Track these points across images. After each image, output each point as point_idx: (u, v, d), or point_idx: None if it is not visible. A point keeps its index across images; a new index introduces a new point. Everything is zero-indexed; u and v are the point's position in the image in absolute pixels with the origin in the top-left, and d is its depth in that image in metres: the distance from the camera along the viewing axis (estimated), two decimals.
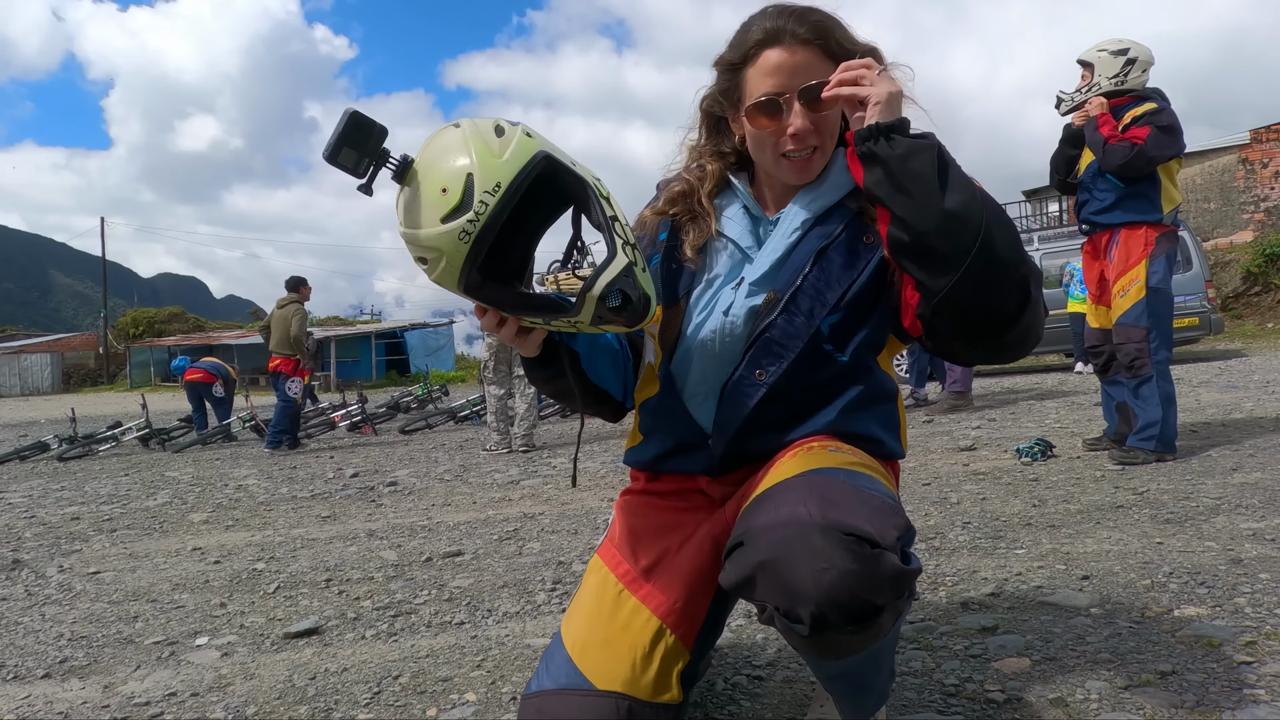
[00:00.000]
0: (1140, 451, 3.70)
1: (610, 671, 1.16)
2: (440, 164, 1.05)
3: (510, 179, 1.01)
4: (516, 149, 1.04)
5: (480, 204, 1.00)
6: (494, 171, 1.02)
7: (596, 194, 1.08)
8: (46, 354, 39.41)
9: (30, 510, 4.78)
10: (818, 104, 1.21)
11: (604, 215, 1.08)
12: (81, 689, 1.93)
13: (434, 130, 1.12)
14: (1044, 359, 12.27)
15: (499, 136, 1.05)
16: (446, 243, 1.02)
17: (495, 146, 1.04)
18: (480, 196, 1.01)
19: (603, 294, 1.05)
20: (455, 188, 1.02)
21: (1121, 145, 3.69)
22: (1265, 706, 1.39)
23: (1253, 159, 16.33)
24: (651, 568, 1.27)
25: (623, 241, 1.07)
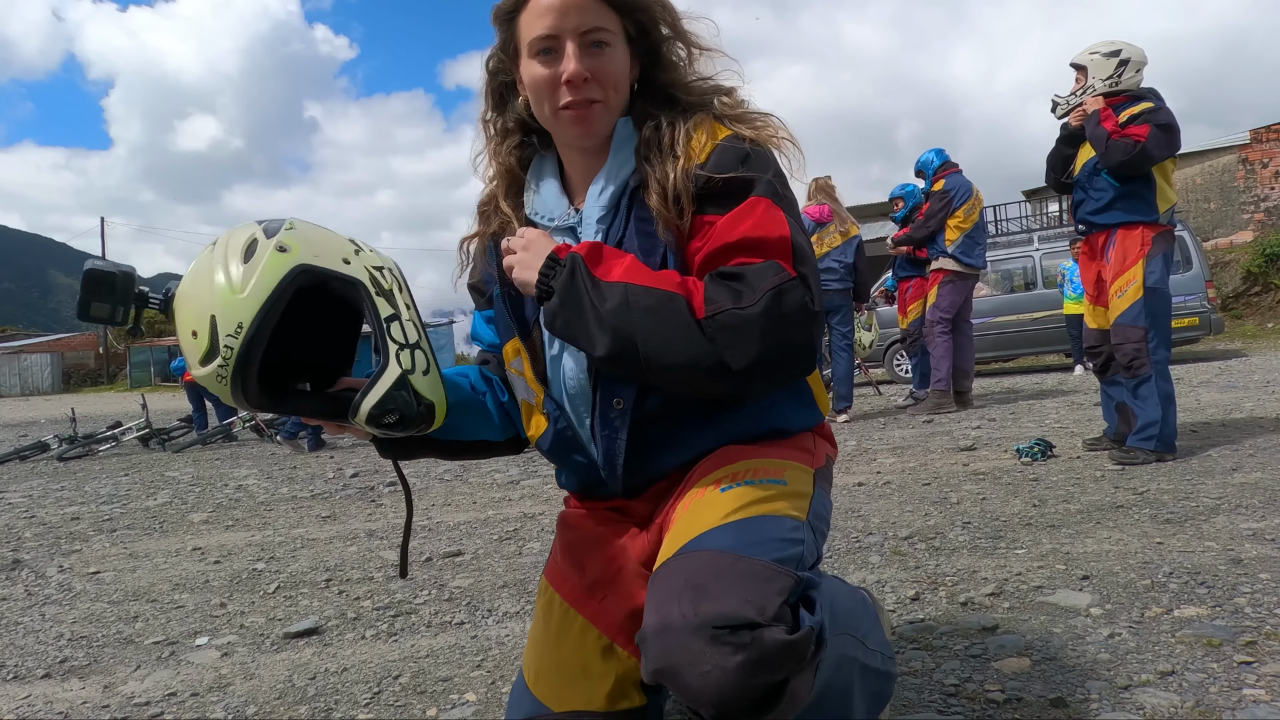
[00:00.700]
0: (1140, 451, 3.70)
1: (565, 694, 1.15)
2: (188, 303, 1.04)
3: (252, 316, 1.00)
4: (262, 276, 1.01)
5: (225, 348, 1.00)
6: (234, 311, 1.00)
7: (368, 294, 1.05)
8: (46, 354, 39.42)
9: (30, 510, 4.78)
10: (595, 48, 1.14)
11: (376, 318, 1.05)
12: (81, 689, 1.93)
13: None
14: (1044, 359, 12.28)
15: (247, 261, 1.03)
16: (212, 384, 1.03)
17: (238, 279, 1.01)
18: (224, 340, 1.00)
19: (371, 415, 1.03)
20: (202, 331, 1.01)
21: (1124, 141, 3.69)
22: (1265, 706, 1.39)
23: (1253, 159, 16.33)
24: (596, 583, 1.22)
25: (398, 346, 1.04)
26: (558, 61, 1.13)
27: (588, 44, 1.13)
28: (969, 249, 6.56)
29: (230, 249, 1.04)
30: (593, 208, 1.19)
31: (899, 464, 4.21)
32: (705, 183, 1.11)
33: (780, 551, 0.99)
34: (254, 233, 1.05)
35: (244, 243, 1.04)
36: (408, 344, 1.05)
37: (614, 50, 1.15)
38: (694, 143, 1.14)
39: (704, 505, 1.06)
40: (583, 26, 1.13)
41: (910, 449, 4.69)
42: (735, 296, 1.02)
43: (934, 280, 6.76)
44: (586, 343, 1.05)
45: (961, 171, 6.77)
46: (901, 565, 2.42)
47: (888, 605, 2.08)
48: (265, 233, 1.05)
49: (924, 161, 6.96)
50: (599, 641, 1.18)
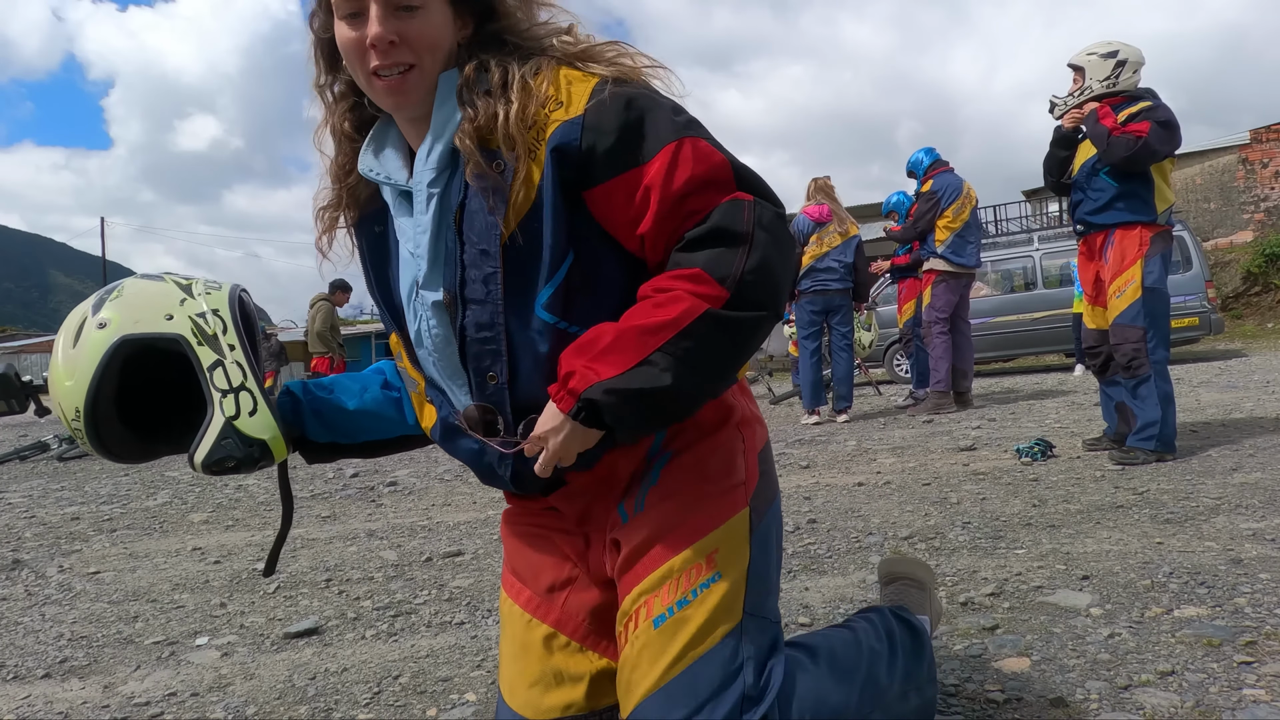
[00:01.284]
0: (1140, 451, 3.70)
1: (542, 702, 1.13)
2: (51, 394, 1.13)
3: (83, 402, 1.06)
4: (84, 360, 1.07)
5: (75, 429, 1.09)
6: (69, 399, 1.07)
7: (190, 347, 1.08)
8: (46, 354, 39.43)
9: (30, 510, 4.78)
10: (406, 12, 1.02)
11: (199, 368, 1.08)
12: (81, 689, 1.93)
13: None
14: (1044, 359, 12.28)
15: (75, 344, 1.09)
16: (85, 447, 1.12)
17: (65, 366, 1.08)
18: (71, 425, 1.09)
19: (206, 466, 1.08)
20: (62, 418, 1.11)
21: (1125, 137, 3.69)
22: (1265, 706, 1.39)
23: (1253, 159, 16.33)
24: (553, 586, 1.19)
25: (221, 393, 1.08)
26: (364, 24, 1.02)
27: (394, 4, 1.02)
28: (960, 248, 6.54)
29: (65, 332, 1.10)
30: (423, 171, 1.07)
31: (899, 464, 4.21)
32: (596, 154, 0.99)
33: (721, 704, 0.96)
34: (85, 310, 1.11)
35: (75, 325, 1.10)
36: (231, 388, 1.08)
37: (427, 11, 1.03)
38: (563, 90, 1.02)
39: (643, 652, 1.01)
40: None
41: (910, 449, 4.69)
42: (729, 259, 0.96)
43: (927, 281, 6.75)
44: (675, 416, 1.03)
45: (953, 170, 6.75)
46: None
47: None
48: (94, 308, 1.10)
49: (914, 161, 6.95)
50: (568, 646, 1.16)
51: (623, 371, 0.95)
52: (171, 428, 1.17)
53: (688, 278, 0.96)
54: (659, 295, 0.97)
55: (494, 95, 1.03)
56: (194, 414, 1.13)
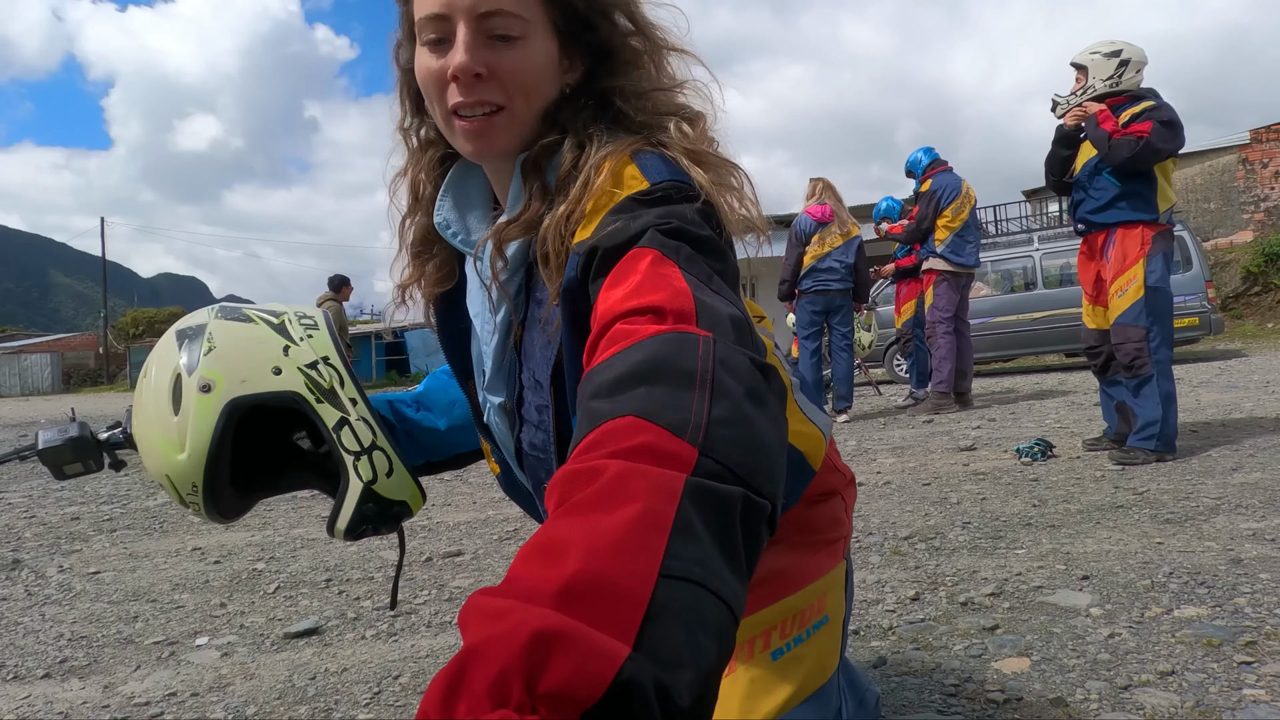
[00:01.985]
0: (1140, 451, 3.70)
1: None
2: (146, 457, 1.03)
3: (201, 477, 0.98)
4: (195, 432, 0.97)
5: (191, 504, 1.01)
6: (184, 474, 0.99)
7: (309, 406, 0.98)
8: (46, 354, 39.42)
9: (30, 510, 4.78)
10: (500, 40, 0.84)
11: (325, 429, 0.98)
12: (81, 689, 1.93)
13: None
14: (1044, 359, 12.28)
15: (177, 411, 0.98)
16: (195, 515, 1.06)
17: (175, 438, 0.98)
18: (187, 498, 1.00)
19: (348, 533, 1.01)
20: (167, 485, 1.02)
21: (1127, 139, 3.69)
22: (1265, 706, 1.39)
23: (1253, 159, 16.33)
24: None
25: (354, 456, 0.97)
26: (449, 52, 0.85)
27: (486, 32, 0.84)
28: (959, 248, 6.54)
29: (155, 392, 0.99)
30: (486, 260, 0.89)
31: (899, 464, 4.21)
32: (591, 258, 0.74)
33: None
34: (176, 369, 0.99)
35: (168, 384, 0.99)
36: (363, 449, 0.98)
37: (527, 44, 0.85)
38: (598, 188, 0.79)
39: (758, 682, 0.96)
40: (480, 7, 0.83)
41: (910, 449, 4.68)
42: (681, 395, 0.56)
43: (927, 281, 6.75)
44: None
45: (952, 170, 6.74)
46: (901, 565, 2.42)
47: (888, 605, 2.08)
48: (187, 367, 0.99)
49: (913, 161, 6.94)
50: None
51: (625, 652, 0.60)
52: (262, 470, 1.10)
53: (614, 435, 0.54)
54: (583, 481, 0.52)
55: (552, 188, 0.85)
56: (285, 452, 1.09)
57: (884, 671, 1.67)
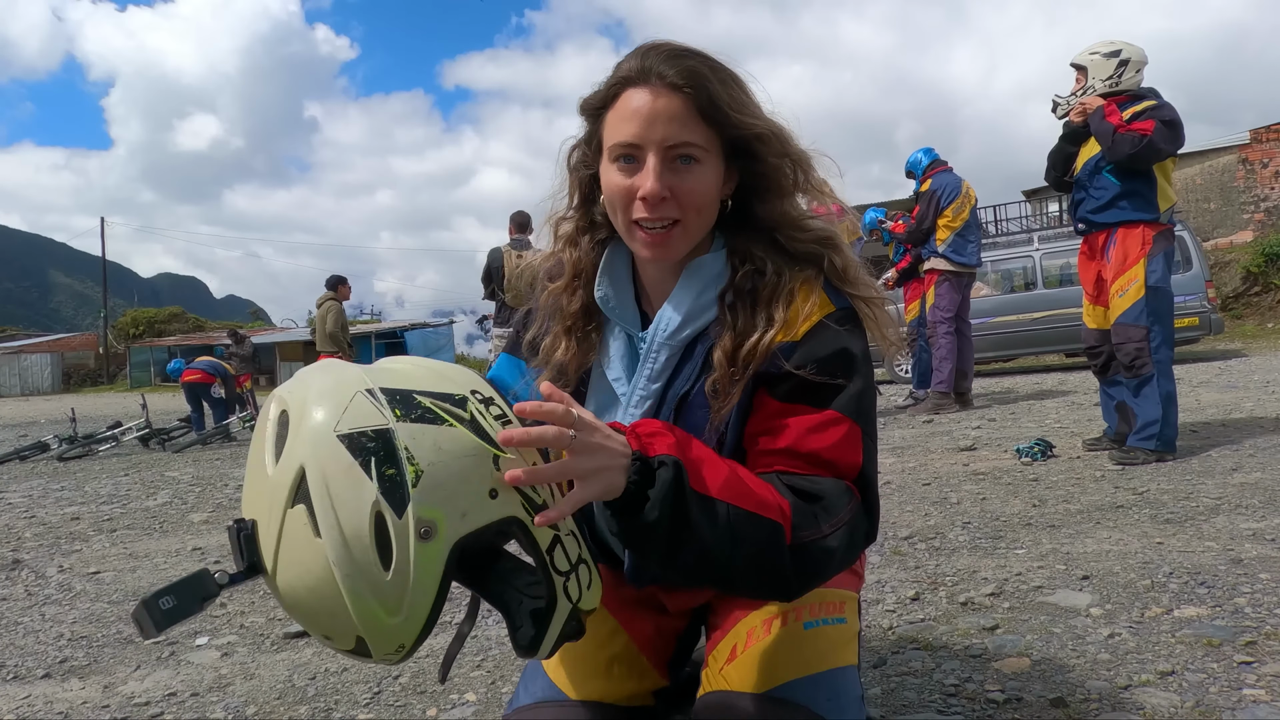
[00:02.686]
0: (1140, 451, 3.70)
1: (585, 682, 1.15)
2: (314, 615, 0.79)
3: (414, 638, 0.78)
4: (417, 590, 0.75)
5: (384, 658, 0.80)
6: (391, 637, 0.77)
7: (526, 530, 0.82)
8: (46, 354, 39.43)
9: (30, 510, 4.78)
10: (682, 163, 1.01)
11: (537, 552, 0.83)
12: (81, 689, 1.93)
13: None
14: (1044, 359, 12.27)
15: (386, 564, 0.74)
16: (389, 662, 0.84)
17: (388, 597, 0.75)
18: (381, 656, 0.79)
19: (552, 652, 0.87)
20: (342, 641, 0.79)
21: (1130, 135, 3.69)
22: (1265, 706, 1.39)
23: (1253, 159, 16.33)
24: (630, 599, 1.22)
25: (564, 577, 0.83)
26: (637, 172, 1.01)
27: (672, 158, 1.01)
28: (960, 248, 6.54)
29: (356, 546, 0.74)
30: (661, 340, 1.08)
31: (899, 464, 4.21)
32: (795, 379, 1.01)
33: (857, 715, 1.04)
34: (375, 506, 0.74)
35: (369, 524, 0.74)
36: (571, 566, 0.84)
37: (703, 167, 1.02)
38: (794, 308, 1.03)
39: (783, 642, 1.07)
40: (669, 140, 1.00)
41: (910, 449, 4.68)
42: (815, 521, 0.94)
43: (929, 281, 6.75)
44: (668, 565, 0.89)
45: (951, 170, 6.74)
46: (901, 565, 2.42)
47: (888, 605, 2.08)
48: (393, 505, 0.74)
49: (913, 162, 6.95)
50: (628, 647, 1.19)
51: (705, 497, 0.87)
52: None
53: (782, 502, 0.94)
54: (761, 484, 0.94)
55: (756, 312, 1.03)
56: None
57: (884, 671, 1.67)
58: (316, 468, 0.75)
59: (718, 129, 1.02)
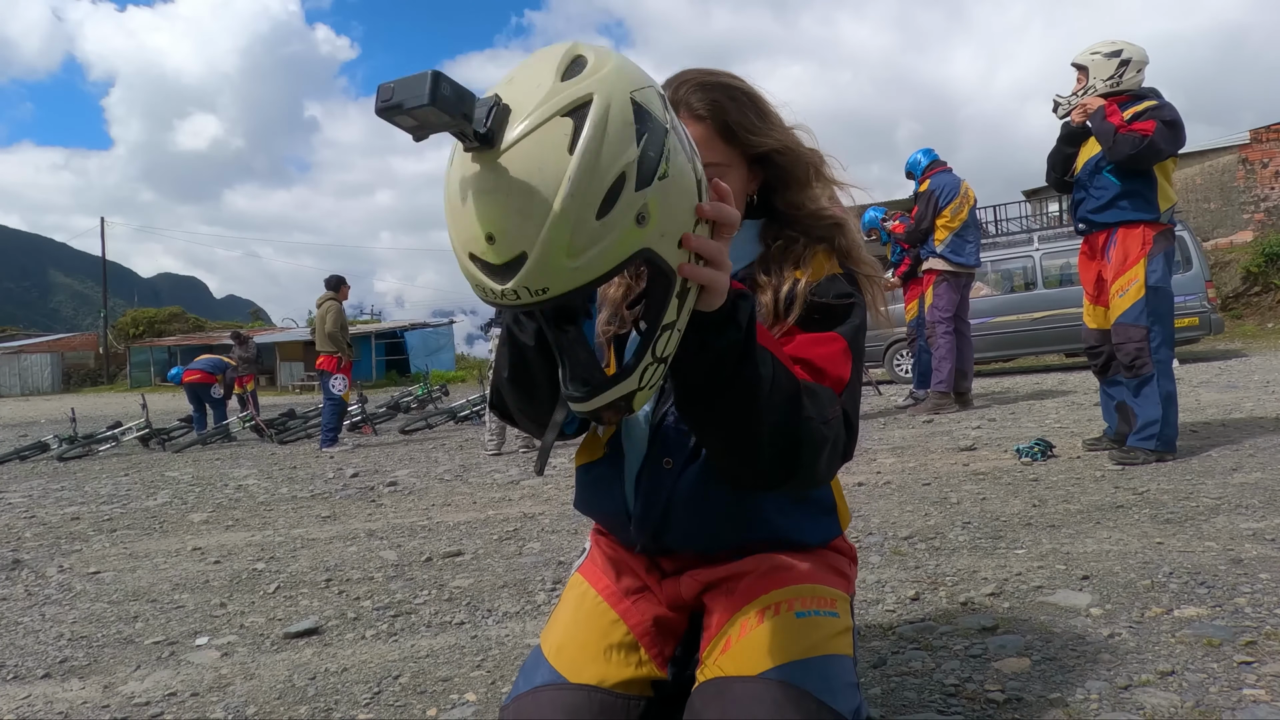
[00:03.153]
0: (1140, 451, 3.70)
1: (584, 668, 1.20)
2: (495, 203, 0.77)
3: (561, 291, 0.77)
4: (605, 253, 0.77)
5: (511, 293, 0.78)
6: (548, 273, 0.77)
7: (676, 291, 0.85)
8: (46, 354, 39.43)
9: (30, 510, 4.78)
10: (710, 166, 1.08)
11: (657, 318, 0.85)
12: (81, 689, 1.93)
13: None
14: (1044, 359, 12.27)
15: (602, 214, 0.76)
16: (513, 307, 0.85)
17: (579, 239, 0.76)
18: (519, 285, 0.77)
19: (585, 417, 0.92)
20: (499, 251, 0.77)
21: (1131, 135, 3.69)
22: (1265, 706, 1.39)
23: (1253, 159, 16.33)
24: (630, 590, 1.29)
25: (651, 362, 0.87)
26: None
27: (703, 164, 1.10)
28: (959, 248, 6.54)
29: (599, 174, 0.75)
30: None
31: (899, 464, 4.21)
32: (809, 303, 1.17)
33: (849, 702, 1.09)
34: (628, 163, 0.77)
35: (614, 174, 0.76)
36: (658, 359, 0.88)
37: (730, 171, 1.19)
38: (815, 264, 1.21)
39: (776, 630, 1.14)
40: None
41: (910, 449, 4.68)
42: (819, 404, 1.05)
43: (927, 282, 6.75)
44: (714, 401, 0.96)
45: (950, 170, 6.75)
46: (901, 565, 2.42)
47: (888, 605, 2.08)
48: (640, 174, 0.77)
49: (912, 163, 6.96)
50: (626, 636, 1.25)
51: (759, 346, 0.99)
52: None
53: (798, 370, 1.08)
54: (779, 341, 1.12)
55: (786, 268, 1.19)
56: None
57: (884, 671, 1.67)
58: (603, 104, 0.77)
59: (739, 147, 1.21)
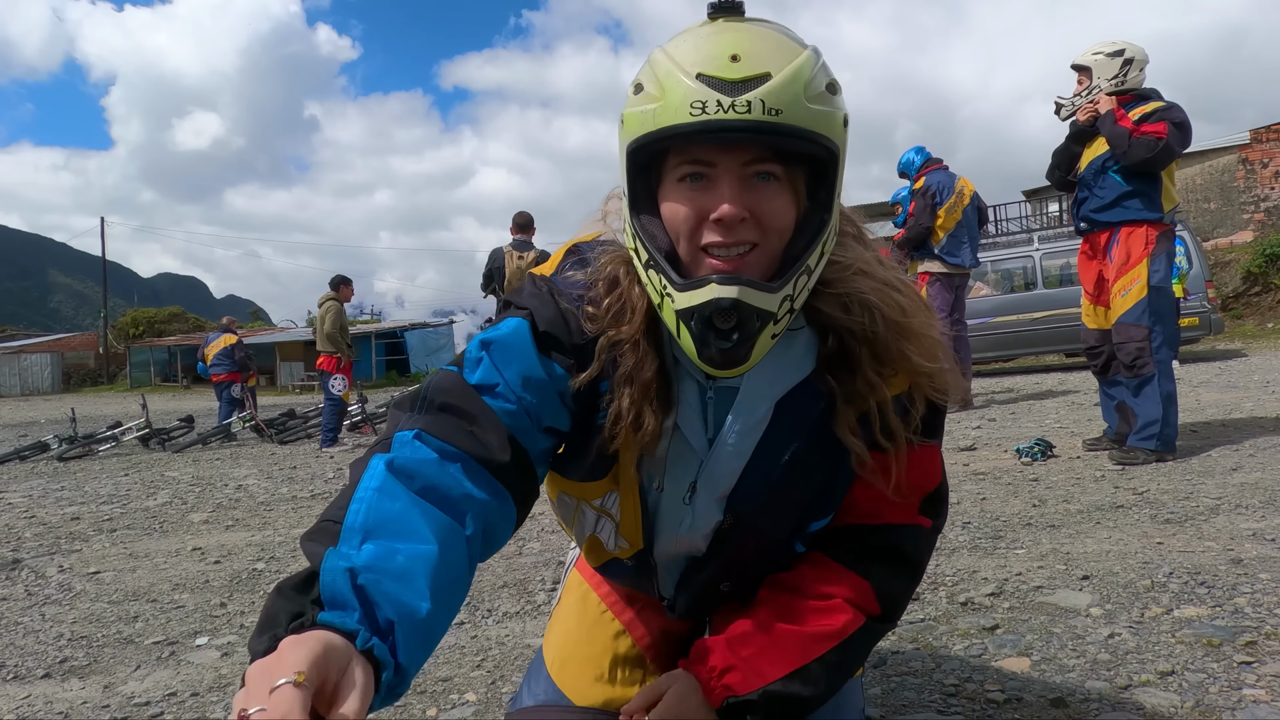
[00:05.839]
0: (1140, 451, 3.70)
1: (589, 689, 1.15)
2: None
3: (793, 123, 0.84)
4: (834, 120, 0.88)
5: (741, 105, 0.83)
6: (787, 99, 0.84)
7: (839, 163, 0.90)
8: (46, 354, 39.43)
9: (30, 510, 4.78)
10: (760, 180, 0.88)
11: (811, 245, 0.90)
12: (81, 689, 1.93)
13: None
14: (1044, 359, 12.27)
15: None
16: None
17: (821, 85, 0.87)
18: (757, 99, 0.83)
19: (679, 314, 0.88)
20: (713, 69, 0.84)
21: (1146, 139, 3.69)
22: (1265, 706, 1.39)
23: (1253, 159, 16.33)
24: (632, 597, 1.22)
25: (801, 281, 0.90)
26: (706, 191, 0.87)
27: (751, 175, 0.87)
28: (954, 249, 6.52)
29: (821, 64, 0.88)
30: (762, 386, 0.97)
31: None
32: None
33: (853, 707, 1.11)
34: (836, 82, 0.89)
35: (831, 77, 0.89)
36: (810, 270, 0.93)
37: (782, 183, 0.89)
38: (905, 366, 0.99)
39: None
40: (748, 154, 0.87)
41: None
42: (907, 580, 1.06)
43: (921, 283, 6.75)
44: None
45: (946, 168, 6.73)
46: None
47: None
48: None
49: (905, 162, 6.94)
50: (632, 650, 1.19)
51: (785, 675, 0.97)
52: None
53: (852, 589, 1.02)
54: (819, 601, 1.02)
55: (868, 382, 0.96)
56: None
57: (884, 671, 1.67)
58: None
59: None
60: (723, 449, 0.98)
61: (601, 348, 0.96)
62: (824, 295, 0.95)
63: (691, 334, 0.88)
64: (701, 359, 0.89)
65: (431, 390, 0.92)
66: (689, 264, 0.90)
